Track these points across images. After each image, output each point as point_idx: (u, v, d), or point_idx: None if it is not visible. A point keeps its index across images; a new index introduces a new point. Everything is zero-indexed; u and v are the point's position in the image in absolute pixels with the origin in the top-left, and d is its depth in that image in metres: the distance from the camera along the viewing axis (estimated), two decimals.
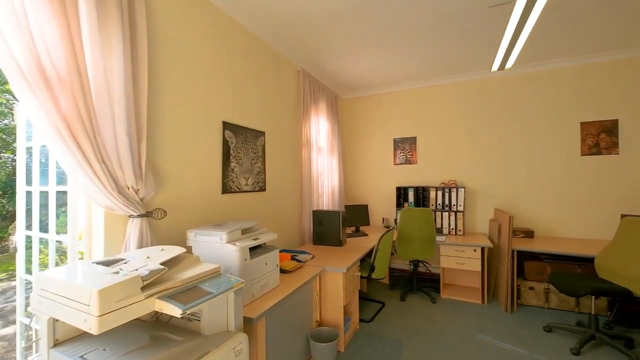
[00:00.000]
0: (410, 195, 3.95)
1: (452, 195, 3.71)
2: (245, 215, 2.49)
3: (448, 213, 3.71)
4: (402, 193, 4.00)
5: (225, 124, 2.28)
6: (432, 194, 3.83)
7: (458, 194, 3.68)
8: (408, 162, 4.22)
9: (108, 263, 1.15)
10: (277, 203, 2.93)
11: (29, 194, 1.69)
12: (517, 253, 3.02)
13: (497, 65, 3.23)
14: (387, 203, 4.36)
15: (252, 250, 1.72)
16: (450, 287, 3.60)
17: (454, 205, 3.69)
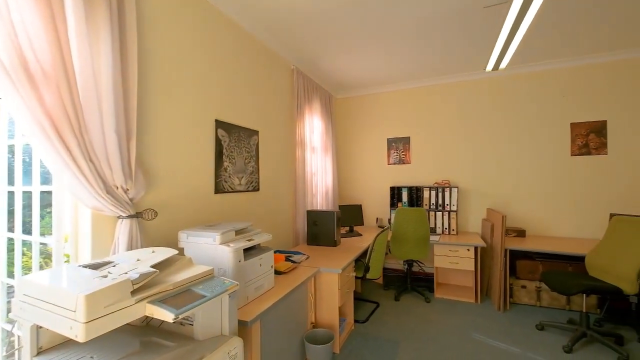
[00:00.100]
0: (404, 195, 3.96)
1: (445, 195, 3.73)
2: (239, 216, 2.45)
3: (441, 213, 3.73)
4: (396, 193, 4.00)
5: (218, 123, 2.23)
6: (425, 194, 3.84)
7: (451, 194, 3.70)
8: (402, 162, 4.23)
9: (96, 266, 1.10)
10: (270, 203, 2.89)
11: (12, 194, 1.61)
12: (509, 252, 3.05)
13: (491, 66, 3.26)
14: (381, 203, 4.36)
15: (246, 252, 1.68)
16: (444, 286, 3.62)
17: (447, 205, 3.71)
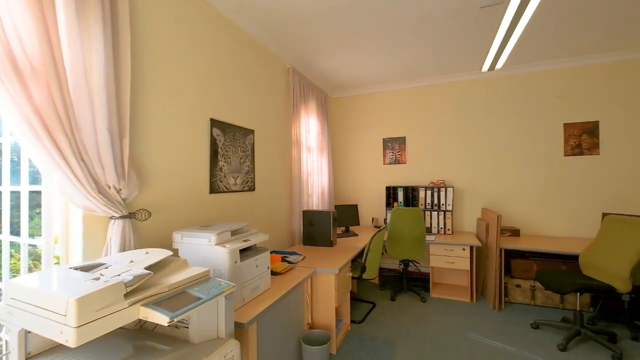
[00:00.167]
0: (400, 195, 3.96)
1: (440, 195, 3.74)
2: (234, 216, 2.42)
3: (437, 212, 3.74)
4: (391, 193, 4.00)
5: (213, 121, 2.20)
6: (421, 194, 3.85)
7: (447, 194, 3.71)
8: (397, 162, 4.23)
9: (87, 268, 1.07)
10: (266, 203, 2.86)
11: None
12: (504, 251, 3.07)
13: (487, 66, 3.27)
14: (376, 203, 4.36)
15: (242, 252, 1.66)
16: (440, 286, 3.63)
17: (443, 205, 3.72)
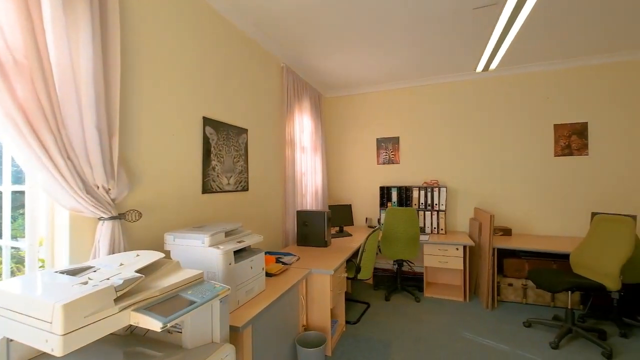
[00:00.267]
0: (394, 195, 3.96)
1: (434, 195, 3.76)
2: (227, 217, 2.37)
3: (430, 212, 3.75)
4: (385, 193, 4.00)
5: (206, 120, 2.15)
6: (414, 194, 3.86)
7: (440, 194, 3.73)
8: (391, 161, 4.24)
9: (74, 272, 1.02)
10: (260, 203, 2.82)
11: None
12: (496, 251, 3.10)
13: (481, 67, 3.30)
14: (370, 203, 4.35)
15: (236, 254, 1.62)
16: (433, 285, 3.64)
17: (436, 205, 3.74)
